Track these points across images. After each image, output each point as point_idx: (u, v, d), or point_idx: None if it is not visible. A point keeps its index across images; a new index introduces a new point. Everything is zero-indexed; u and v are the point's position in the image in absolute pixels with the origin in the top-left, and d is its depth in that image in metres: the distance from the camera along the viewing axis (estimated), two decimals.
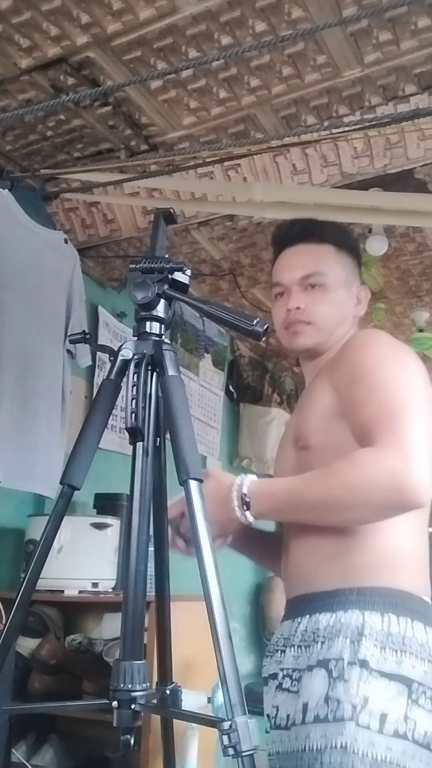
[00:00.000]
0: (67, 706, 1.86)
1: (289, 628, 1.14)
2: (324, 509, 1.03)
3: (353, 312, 1.30)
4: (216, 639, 0.80)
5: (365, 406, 1.06)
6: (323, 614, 1.06)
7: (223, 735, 0.75)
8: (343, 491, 1.00)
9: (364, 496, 1.00)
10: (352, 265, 1.32)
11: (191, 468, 0.90)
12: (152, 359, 0.97)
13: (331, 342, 1.26)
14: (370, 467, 0.99)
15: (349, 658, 1.00)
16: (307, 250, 1.30)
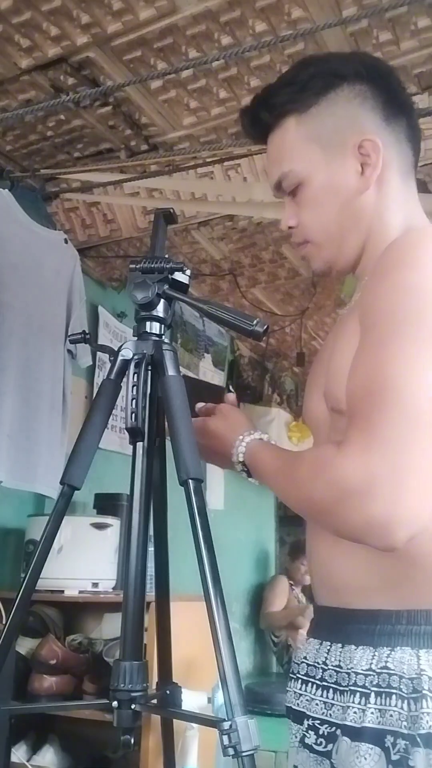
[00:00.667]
0: (67, 706, 1.86)
1: (315, 653, 0.89)
2: (290, 503, 0.85)
3: (360, 185, 0.89)
4: (216, 639, 0.80)
5: (359, 369, 0.77)
6: (360, 649, 0.80)
7: (223, 735, 0.75)
8: (296, 501, 0.83)
9: (322, 516, 0.79)
10: (336, 116, 0.89)
11: (191, 468, 0.89)
12: (152, 359, 0.97)
13: (352, 247, 0.92)
14: (322, 483, 0.75)
15: (408, 730, 0.73)
16: (271, 144, 0.96)
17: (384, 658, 0.77)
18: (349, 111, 0.89)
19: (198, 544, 0.85)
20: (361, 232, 0.91)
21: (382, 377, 0.72)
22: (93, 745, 2.06)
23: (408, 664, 0.75)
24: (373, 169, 0.88)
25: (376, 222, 0.90)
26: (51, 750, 1.98)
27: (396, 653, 0.77)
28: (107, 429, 1.06)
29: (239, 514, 3.61)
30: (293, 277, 2.85)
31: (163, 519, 1.03)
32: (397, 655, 0.76)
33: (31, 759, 1.94)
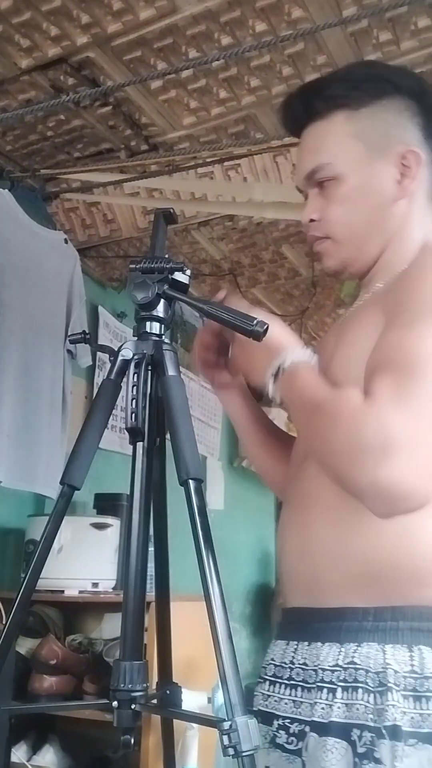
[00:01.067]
0: (67, 706, 1.86)
1: (282, 654, 0.89)
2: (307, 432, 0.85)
3: (396, 192, 0.89)
4: (216, 639, 0.80)
5: (388, 343, 0.78)
6: (327, 645, 0.81)
7: (223, 735, 0.75)
8: (314, 442, 0.82)
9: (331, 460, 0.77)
10: (386, 122, 0.90)
11: (191, 468, 0.89)
12: (152, 359, 0.97)
13: (372, 251, 0.92)
14: (342, 431, 0.74)
15: (374, 723, 0.73)
16: (312, 133, 0.94)
17: (350, 654, 0.78)
18: (399, 120, 0.90)
19: (198, 544, 0.85)
20: (383, 240, 0.92)
21: (413, 351, 0.74)
22: (93, 745, 2.06)
23: (374, 659, 0.76)
24: (411, 180, 0.90)
25: (398, 234, 0.91)
26: (51, 750, 1.98)
27: (362, 648, 0.77)
28: (107, 429, 1.06)
29: (239, 514, 3.61)
30: (293, 277, 2.85)
31: (163, 519, 1.03)
32: (363, 651, 0.77)
33: (31, 759, 1.94)
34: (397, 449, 0.69)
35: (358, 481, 0.72)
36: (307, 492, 0.88)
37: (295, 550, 0.88)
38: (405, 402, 0.71)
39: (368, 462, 0.70)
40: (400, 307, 0.80)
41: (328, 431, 0.76)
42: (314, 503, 0.86)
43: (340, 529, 0.82)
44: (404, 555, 0.78)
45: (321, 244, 0.95)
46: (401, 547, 0.78)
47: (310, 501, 0.87)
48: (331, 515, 0.83)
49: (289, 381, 0.86)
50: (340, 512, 0.82)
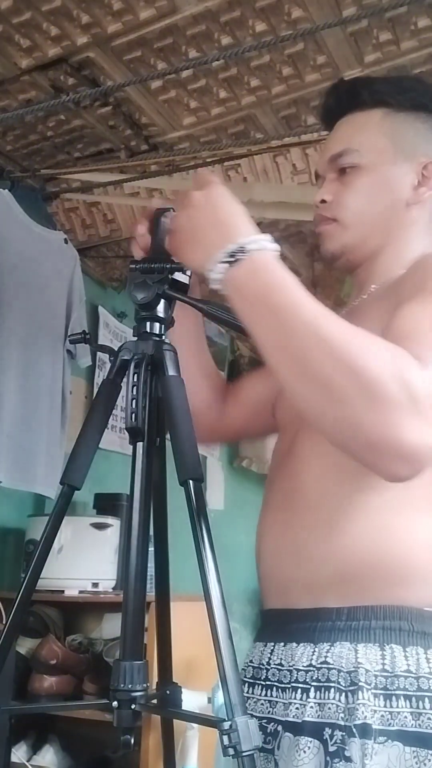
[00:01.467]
0: (67, 706, 1.87)
1: (260, 655, 0.90)
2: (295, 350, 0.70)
3: (410, 197, 0.92)
4: (216, 639, 0.79)
5: (410, 318, 0.74)
6: (302, 646, 0.81)
7: (223, 735, 0.75)
8: (334, 360, 0.67)
9: (351, 389, 0.66)
10: (418, 131, 0.93)
11: (191, 468, 0.89)
12: (152, 359, 0.97)
13: (373, 245, 0.93)
14: (400, 370, 0.65)
15: (345, 722, 0.74)
16: (348, 122, 0.96)
17: (324, 654, 0.79)
18: (429, 135, 0.94)
19: (198, 544, 0.85)
20: (386, 238, 0.93)
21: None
22: (93, 745, 2.06)
23: (346, 658, 0.77)
24: (428, 190, 0.92)
25: (401, 238, 0.93)
26: (51, 750, 1.98)
27: (335, 648, 0.78)
28: (107, 429, 1.06)
29: (239, 514, 3.61)
30: None
31: (163, 519, 1.03)
32: (336, 650, 0.78)
33: (31, 759, 1.94)
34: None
35: (396, 435, 0.64)
36: (285, 491, 0.87)
37: (272, 552, 0.87)
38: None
39: (416, 423, 0.64)
40: (414, 289, 0.79)
41: (371, 371, 0.65)
42: (291, 504, 0.85)
43: (317, 531, 0.82)
44: (379, 556, 0.78)
45: (327, 225, 0.95)
46: (377, 549, 0.78)
47: (287, 502, 0.86)
48: (309, 517, 0.83)
49: (260, 275, 0.73)
50: (318, 514, 0.82)
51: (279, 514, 0.88)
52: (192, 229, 0.78)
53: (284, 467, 0.90)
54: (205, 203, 0.78)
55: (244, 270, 0.73)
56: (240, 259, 0.73)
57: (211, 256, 0.74)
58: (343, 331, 0.69)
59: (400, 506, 0.79)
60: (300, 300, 0.72)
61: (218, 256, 0.74)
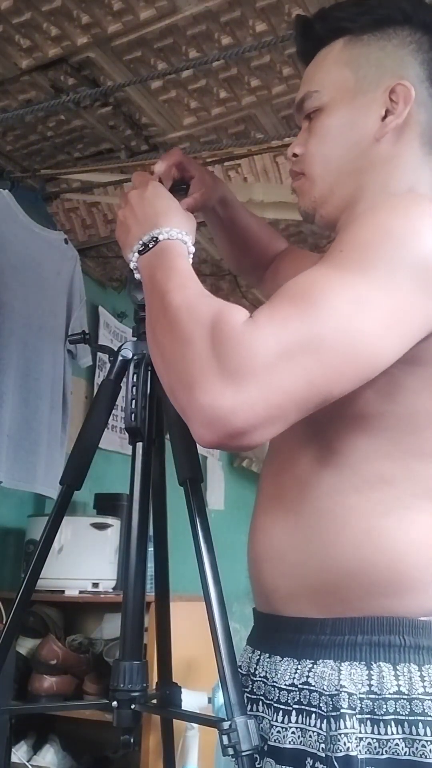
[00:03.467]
0: (67, 706, 1.86)
1: (248, 662, 0.84)
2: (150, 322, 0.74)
3: (377, 130, 0.79)
4: (216, 639, 0.80)
5: (300, 276, 0.68)
6: (285, 661, 0.76)
7: (222, 735, 0.75)
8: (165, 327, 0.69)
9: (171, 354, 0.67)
10: (385, 51, 0.80)
11: (191, 468, 0.89)
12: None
13: (342, 194, 0.82)
14: (213, 329, 0.64)
15: (325, 752, 0.67)
16: (312, 63, 0.86)
17: (305, 673, 0.72)
18: (399, 52, 0.80)
19: (198, 544, 0.85)
20: (357, 182, 0.81)
21: (317, 286, 0.64)
22: (93, 745, 2.06)
23: (328, 680, 0.70)
24: (396, 118, 0.78)
25: (375, 180, 0.80)
26: (51, 750, 1.98)
27: (318, 667, 0.71)
28: (107, 429, 1.06)
29: (239, 514, 3.60)
30: None
31: (163, 519, 1.03)
32: (318, 669, 0.71)
33: (31, 759, 1.94)
34: (252, 380, 0.60)
35: (193, 398, 0.62)
36: (269, 494, 0.83)
37: (256, 558, 0.83)
38: (286, 334, 0.61)
39: (214, 383, 0.60)
40: (332, 246, 0.71)
41: (187, 333, 0.65)
42: (274, 507, 0.81)
43: (298, 535, 0.76)
44: (363, 563, 0.71)
45: (297, 180, 0.87)
46: (361, 556, 0.71)
47: (270, 504, 0.82)
48: (290, 520, 0.78)
49: (157, 258, 0.78)
50: (299, 517, 0.77)
51: (262, 518, 0.83)
52: (126, 224, 0.85)
53: (269, 467, 0.86)
54: (138, 200, 0.85)
55: (147, 257, 0.79)
56: (149, 248, 0.79)
57: (131, 248, 0.82)
58: (183, 300, 0.69)
59: (386, 506, 0.72)
60: (170, 276, 0.74)
61: (135, 246, 0.81)
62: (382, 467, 0.73)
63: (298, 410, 0.63)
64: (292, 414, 0.63)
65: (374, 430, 0.73)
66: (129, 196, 0.87)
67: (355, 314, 0.62)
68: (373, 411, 0.72)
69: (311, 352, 0.61)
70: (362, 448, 0.74)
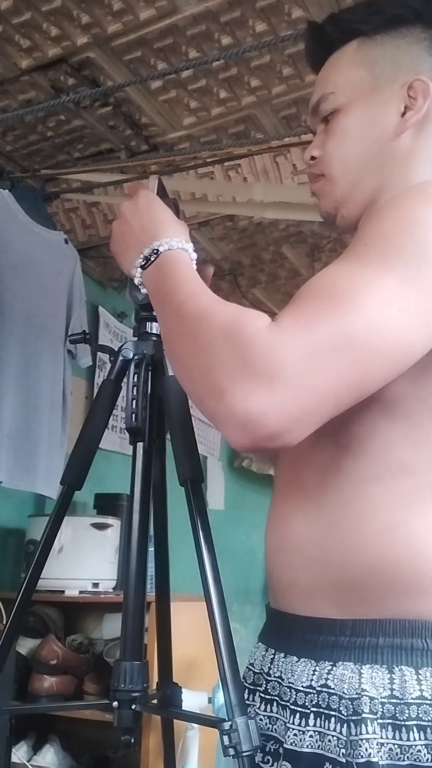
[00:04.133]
0: (67, 706, 1.86)
1: (261, 660, 0.83)
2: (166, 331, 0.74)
3: (398, 125, 0.80)
4: (216, 639, 0.80)
5: (322, 272, 0.68)
6: (302, 662, 0.74)
7: (223, 735, 0.75)
8: (184, 336, 0.69)
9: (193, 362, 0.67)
10: (399, 49, 0.81)
11: (191, 468, 0.89)
12: (152, 359, 0.97)
13: (365, 191, 0.82)
14: (235, 334, 0.63)
15: (346, 758, 0.66)
16: (325, 66, 0.87)
17: (324, 675, 0.70)
18: (413, 49, 0.81)
19: (198, 544, 0.85)
20: (379, 179, 0.81)
21: (343, 282, 0.64)
22: (94, 746, 2.06)
23: (348, 683, 0.68)
24: (415, 113, 0.79)
25: (397, 175, 0.80)
26: (51, 750, 1.98)
27: (337, 669, 0.70)
28: (107, 429, 1.06)
29: (240, 514, 3.61)
30: (293, 278, 2.85)
31: (163, 519, 1.03)
32: (338, 672, 0.69)
33: (31, 759, 1.94)
34: (283, 382, 0.59)
35: (224, 404, 0.61)
36: (288, 480, 0.81)
37: (272, 548, 0.80)
38: (315, 334, 0.61)
39: (244, 387, 0.60)
40: (355, 239, 0.71)
41: (208, 341, 0.65)
42: (293, 494, 0.78)
43: (318, 525, 0.74)
44: (384, 559, 0.69)
45: (316, 182, 0.86)
46: (383, 552, 0.70)
47: (289, 491, 0.80)
48: (310, 509, 0.75)
49: (162, 270, 0.78)
50: (320, 505, 0.74)
51: (281, 505, 0.81)
52: (122, 236, 0.85)
53: (288, 451, 0.80)
54: (132, 212, 0.85)
55: (151, 270, 0.79)
56: (151, 261, 0.79)
57: (133, 263, 0.82)
58: (200, 308, 0.69)
59: (408, 499, 0.70)
60: (180, 285, 0.75)
61: (137, 261, 0.81)
62: (404, 454, 0.71)
63: (332, 408, 0.63)
64: (326, 412, 0.63)
65: (396, 414, 0.71)
66: (122, 209, 0.87)
67: (383, 308, 0.62)
68: (395, 394, 0.70)
69: (341, 350, 0.61)
70: (383, 434, 0.72)
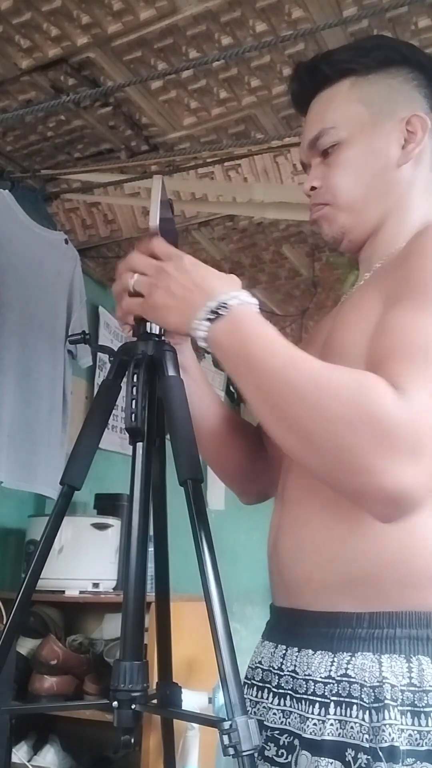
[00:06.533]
0: (67, 706, 1.86)
1: (270, 657, 0.85)
2: (270, 399, 0.70)
3: (400, 157, 0.86)
4: (216, 639, 0.79)
5: (400, 330, 0.70)
6: (319, 654, 0.76)
7: (223, 735, 0.75)
8: (301, 406, 0.67)
9: (321, 436, 0.65)
10: (392, 87, 0.88)
11: (191, 468, 0.89)
12: (152, 359, 0.97)
13: (371, 218, 0.88)
14: (367, 406, 0.63)
15: (370, 743, 0.68)
16: (317, 102, 0.91)
17: (344, 665, 0.73)
18: (405, 87, 0.88)
19: (198, 544, 0.85)
20: (384, 206, 0.87)
21: (427, 337, 0.67)
22: (94, 746, 2.06)
23: (369, 671, 0.71)
24: (416, 145, 0.86)
25: (401, 203, 0.87)
26: (52, 750, 1.98)
27: (357, 659, 0.72)
28: (107, 429, 1.06)
29: (240, 515, 3.60)
30: (294, 278, 2.85)
31: (163, 519, 1.03)
32: (357, 662, 0.72)
33: (32, 759, 1.94)
34: (427, 452, 0.62)
35: (373, 481, 0.63)
36: (302, 486, 0.82)
37: (288, 549, 0.83)
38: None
39: (393, 464, 0.61)
40: (405, 287, 0.73)
41: (336, 415, 0.64)
42: (310, 500, 0.80)
43: (336, 528, 0.77)
44: (402, 554, 0.72)
45: (320, 210, 0.91)
46: (399, 547, 0.73)
47: (305, 497, 0.81)
48: (327, 514, 0.77)
49: (240, 328, 0.73)
50: (338, 510, 0.76)
51: (295, 512, 0.83)
52: (168, 293, 0.78)
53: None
54: (178, 270, 0.78)
55: (224, 325, 0.74)
56: (222, 315, 0.74)
57: (193, 316, 0.76)
58: (312, 377, 0.68)
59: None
60: (273, 350, 0.71)
61: (201, 314, 0.75)
62: None
63: None
64: None
65: None
66: (163, 266, 0.79)
67: None
68: None
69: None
70: None
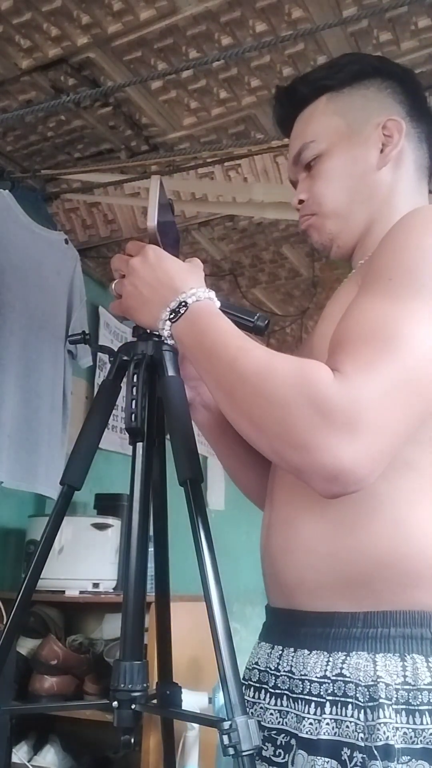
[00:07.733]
0: (67, 706, 1.86)
1: (267, 658, 0.85)
2: (224, 388, 0.74)
3: (379, 160, 0.89)
4: (216, 639, 0.79)
5: (356, 315, 0.71)
6: (314, 654, 0.77)
7: (223, 735, 0.75)
8: (249, 393, 0.69)
9: (266, 419, 0.68)
10: (366, 97, 0.92)
11: (191, 468, 0.89)
12: (152, 360, 0.97)
13: (358, 222, 0.91)
14: (306, 388, 0.65)
15: (365, 742, 0.69)
16: (298, 121, 0.97)
17: (339, 665, 0.74)
18: (379, 96, 0.92)
19: (198, 544, 0.85)
20: (369, 209, 0.90)
21: (386, 322, 0.67)
22: (94, 746, 2.06)
23: (364, 671, 0.72)
24: (393, 148, 0.89)
25: (385, 205, 0.90)
26: (52, 750, 1.98)
27: (351, 659, 0.73)
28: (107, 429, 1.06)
29: (240, 515, 3.60)
30: (294, 278, 2.85)
31: (163, 519, 1.03)
32: (352, 661, 0.73)
33: (32, 759, 1.94)
34: (364, 430, 0.63)
35: (312, 458, 0.64)
36: (291, 484, 0.82)
37: (279, 549, 0.83)
38: (379, 379, 0.64)
39: (330, 440, 0.63)
40: (371, 276, 0.74)
41: (279, 397, 0.66)
42: (299, 497, 0.80)
43: (326, 526, 0.77)
44: (395, 554, 0.73)
45: (308, 220, 0.94)
46: (392, 546, 0.73)
47: (294, 495, 0.82)
48: (317, 511, 0.78)
49: (197, 324, 0.78)
50: (327, 507, 0.76)
51: (285, 510, 0.84)
52: (137, 293, 0.84)
53: None
54: (144, 267, 0.84)
55: (183, 323, 0.79)
56: (181, 314, 0.79)
57: (158, 316, 0.81)
58: (258, 363, 0.70)
59: (414, 495, 0.74)
60: (225, 340, 0.75)
61: (164, 314, 0.80)
62: (408, 453, 0.73)
63: (403, 441, 0.68)
64: (399, 446, 0.67)
65: None
66: (132, 265, 0.85)
67: (428, 338, 0.66)
68: None
69: (404, 387, 0.65)
70: None
